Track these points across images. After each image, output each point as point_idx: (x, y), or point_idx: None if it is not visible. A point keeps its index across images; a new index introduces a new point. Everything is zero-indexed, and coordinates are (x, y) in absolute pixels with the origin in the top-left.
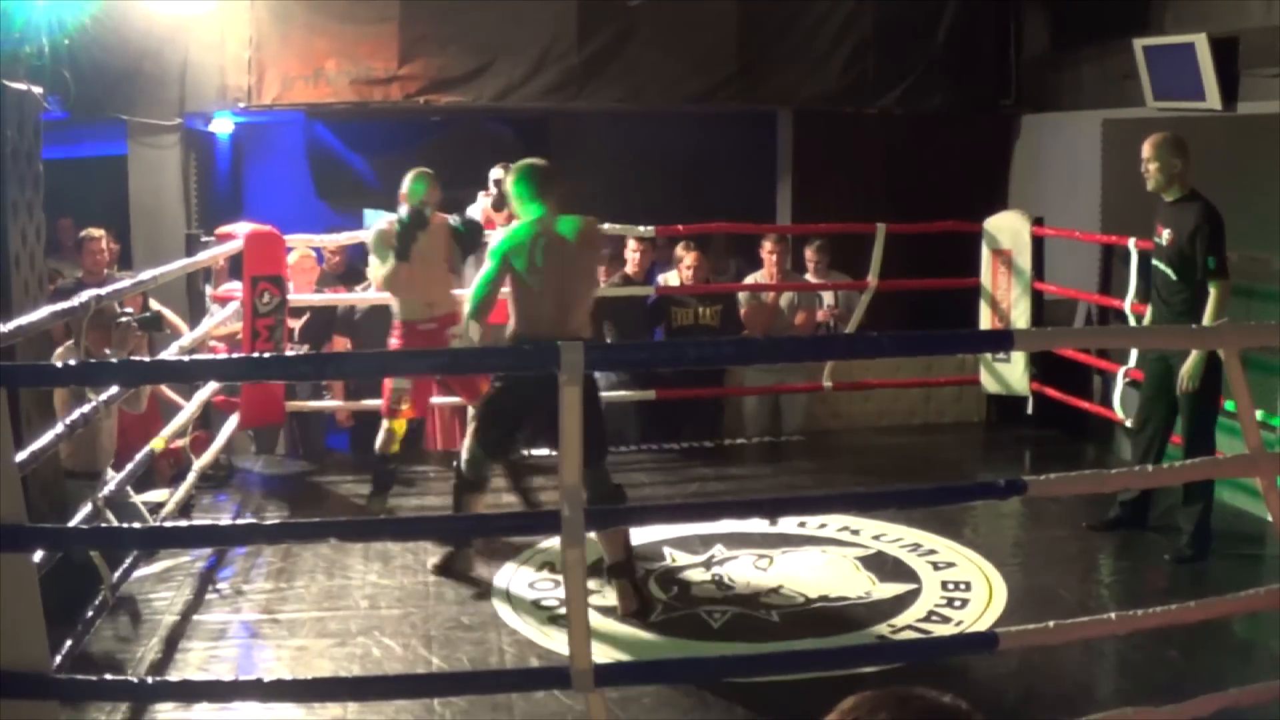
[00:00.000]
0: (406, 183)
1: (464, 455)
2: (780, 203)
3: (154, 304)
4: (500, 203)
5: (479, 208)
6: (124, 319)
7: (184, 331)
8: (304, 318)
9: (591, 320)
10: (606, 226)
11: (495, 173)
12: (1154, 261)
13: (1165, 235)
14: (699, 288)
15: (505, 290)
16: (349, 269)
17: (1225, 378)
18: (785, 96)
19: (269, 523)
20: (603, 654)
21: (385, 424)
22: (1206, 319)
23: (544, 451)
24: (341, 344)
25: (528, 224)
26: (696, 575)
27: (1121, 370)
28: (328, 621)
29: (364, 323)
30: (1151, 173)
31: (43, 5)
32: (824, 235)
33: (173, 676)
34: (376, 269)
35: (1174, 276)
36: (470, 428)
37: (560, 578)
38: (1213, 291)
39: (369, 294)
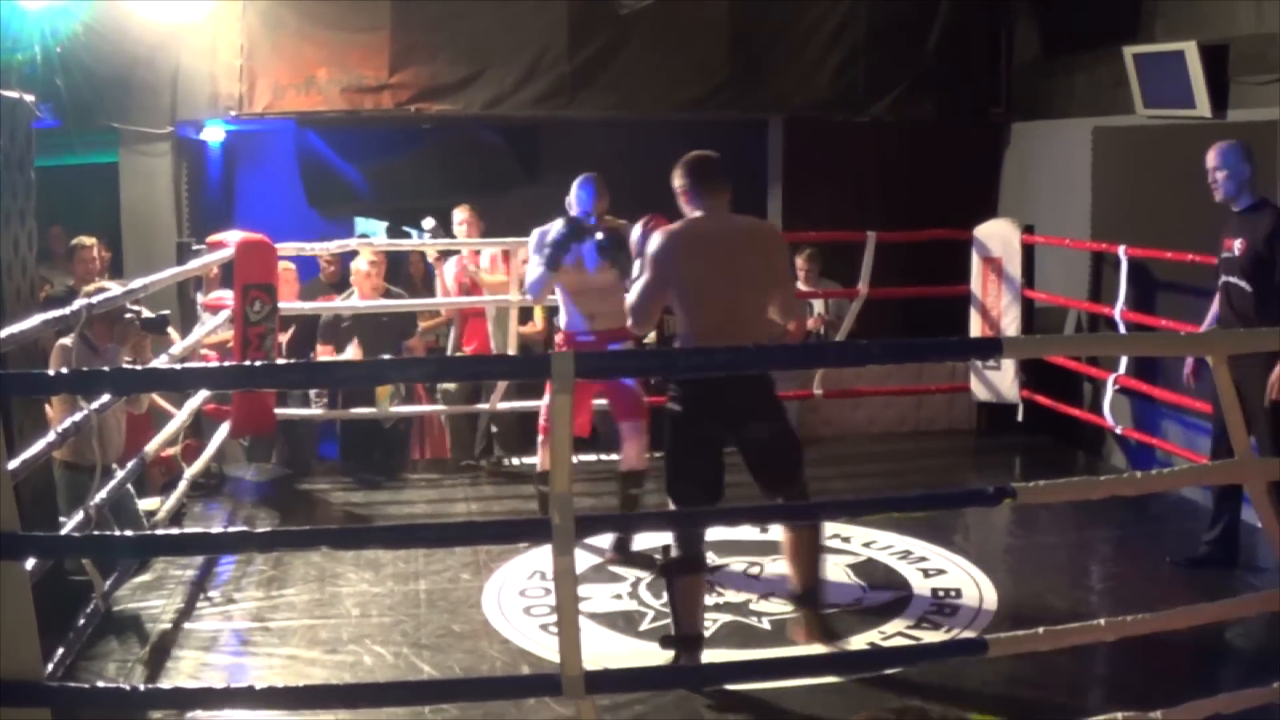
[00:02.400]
0: (572, 189)
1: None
2: (771, 210)
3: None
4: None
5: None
6: (129, 315)
7: (175, 340)
8: (290, 331)
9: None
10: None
11: (427, 223)
12: (1224, 278)
13: (1237, 245)
14: None
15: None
16: (343, 279)
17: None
18: (776, 104)
19: (260, 531)
20: (594, 661)
21: (540, 440)
22: None
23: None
24: (327, 352)
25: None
26: None
27: (1111, 377)
28: (319, 630)
29: (350, 331)
30: (1220, 181)
31: (35, 14)
32: (815, 243)
33: (164, 684)
34: (529, 271)
35: (1248, 288)
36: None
37: (551, 585)
38: None
39: (354, 301)
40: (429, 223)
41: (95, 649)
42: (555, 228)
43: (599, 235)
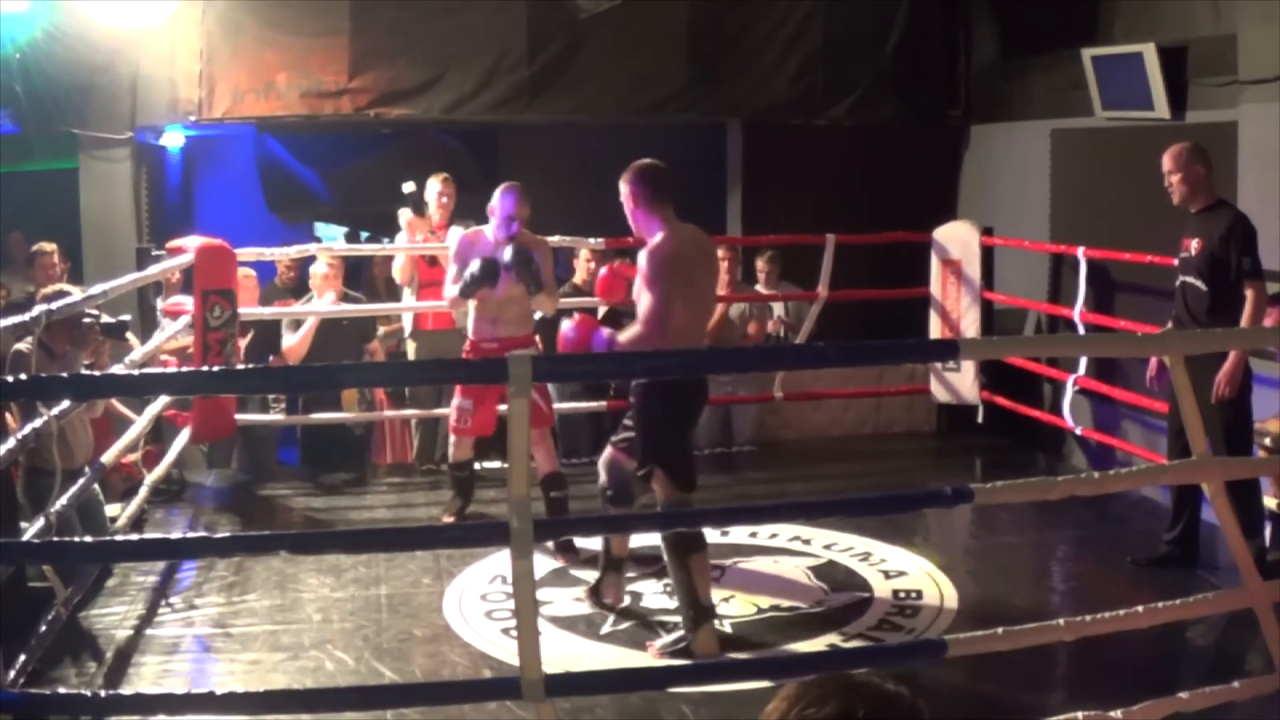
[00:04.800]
0: (495, 197)
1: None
2: (730, 214)
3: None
4: (421, 209)
5: (402, 221)
6: (89, 319)
7: (135, 346)
8: (248, 336)
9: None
10: (556, 239)
11: (407, 186)
12: (1180, 277)
13: (1194, 245)
14: None
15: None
16: (300, 284)
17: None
18: (735, 108)
19: (220, 536)
20: (555, 664)
21: (452, 438)
22: (1244, 322)
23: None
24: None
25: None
26: (648, 585)
27: (1071, 378)
28: (280, 635)
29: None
30: (1175, 184)
31: None
32: (774, 246)
33: (126, 690)
34: (449, 283)
35: (1203, 287)
36: (662, 477)
37: (511, 589)
38: (1249, 294)
39: (314, 306)
40: (408, 186)
41: (57, 656)
42: (474, 263)
43: (507, 256)
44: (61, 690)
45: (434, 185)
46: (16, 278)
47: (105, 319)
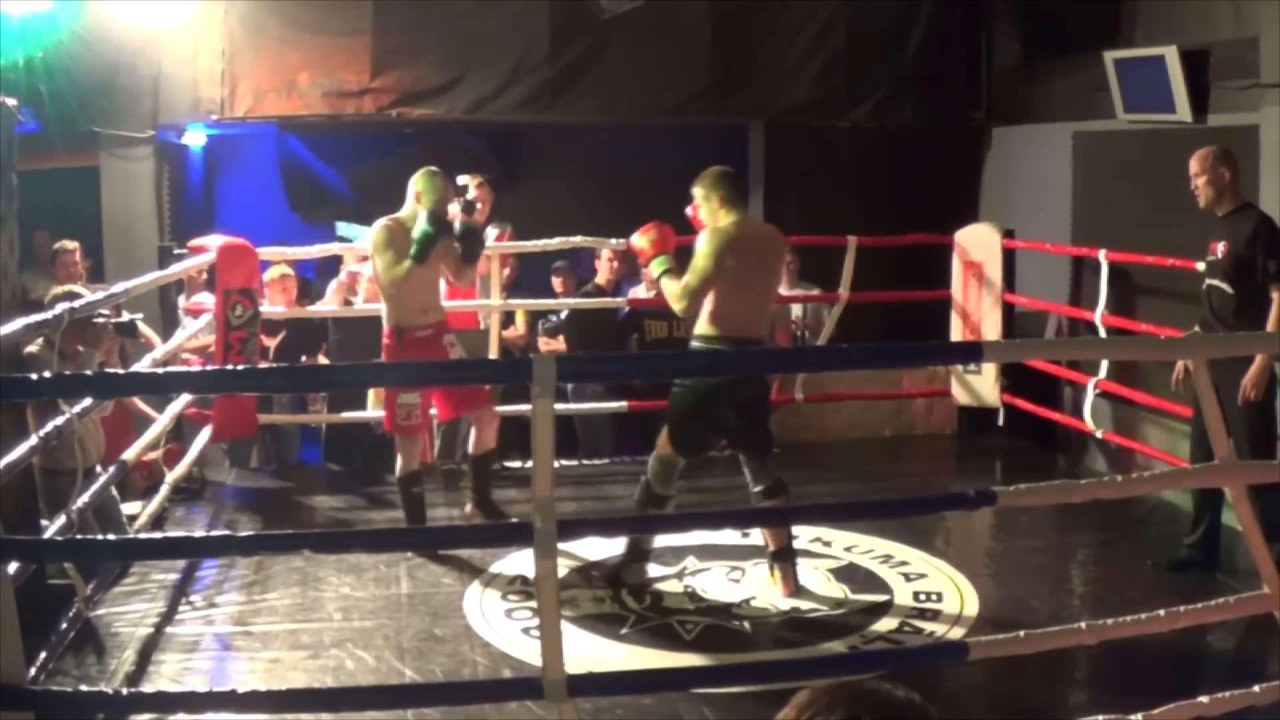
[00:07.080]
0: (419, 181)
1: (652, 464)
2: (752, 215)
3: (125, 315)
4: (471, 209)
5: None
6: (100, 319)
7: (157, 344)
8: (279, 336)
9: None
10: (578, 239)
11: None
12: (1206, 280)
13: (1220, 249)
14: None
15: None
16: (300, 286)
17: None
18: (757, 110)
19: (242, 534)
20: (576, 665)
21: (399, 440)
22: (1270, 326)
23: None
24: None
25: (733, 224)
26: (669, 586)
27: (1092, 381)
28: (301, 634)
29: (340, 336)
30: (1200, 187)
31: (17, 19)
32: (794, 246)
33: (147, 688)
34: (387, 269)
35: (1230, 290)
36: (661, 435)
37: (533, 588)
38: (1276, 297)
39: (342, 307)
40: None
41: (77, 653)
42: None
43: (457, 225)
44: (82, 687)
45: (462, 180)
46: (40, 276)
47: (118, 318)
